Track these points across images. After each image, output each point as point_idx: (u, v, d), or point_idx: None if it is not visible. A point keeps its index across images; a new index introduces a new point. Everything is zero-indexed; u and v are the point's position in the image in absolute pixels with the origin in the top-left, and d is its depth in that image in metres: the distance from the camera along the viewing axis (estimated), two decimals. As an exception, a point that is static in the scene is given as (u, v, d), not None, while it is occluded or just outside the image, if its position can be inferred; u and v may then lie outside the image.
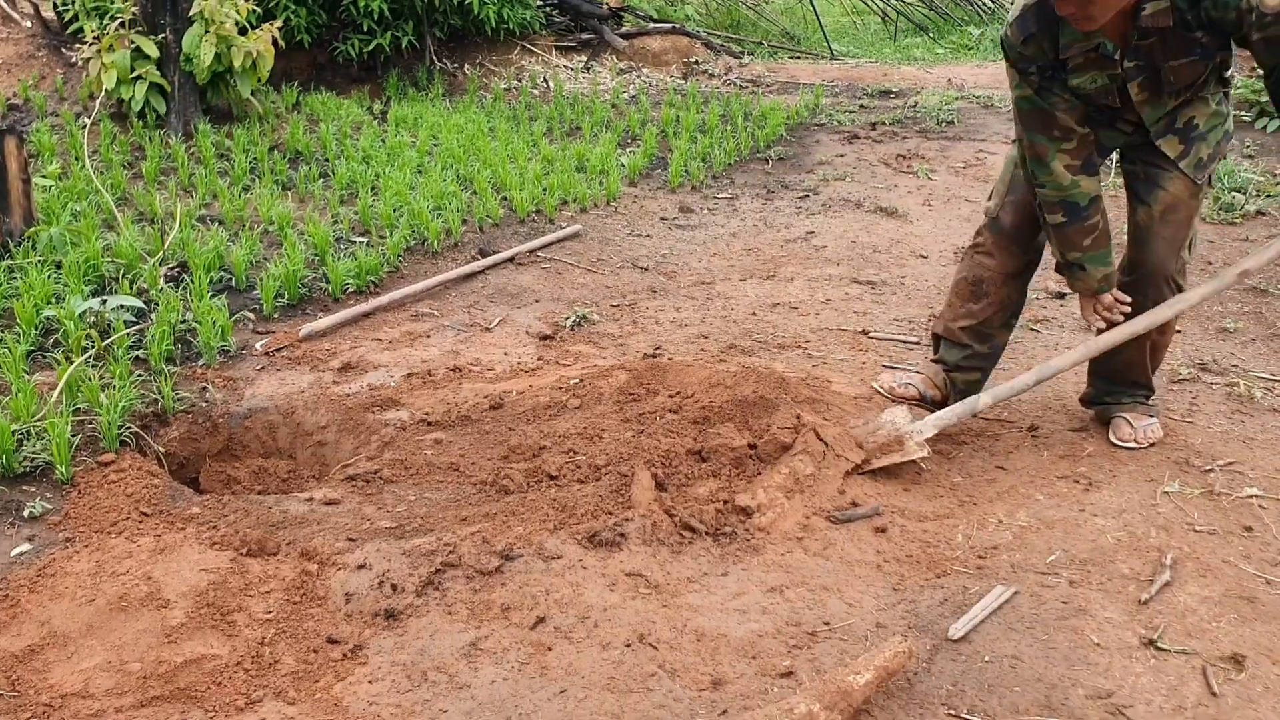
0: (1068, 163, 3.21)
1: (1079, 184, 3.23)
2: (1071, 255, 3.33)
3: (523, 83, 9.63)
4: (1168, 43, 2.99)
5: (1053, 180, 3.23)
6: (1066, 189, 3.23)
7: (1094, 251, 3.31)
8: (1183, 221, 3.32)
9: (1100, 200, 3.29)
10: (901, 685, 2.45)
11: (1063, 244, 3.33)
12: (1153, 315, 3.31)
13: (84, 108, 7.55)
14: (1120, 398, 3.60)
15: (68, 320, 4.06)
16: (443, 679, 2.47)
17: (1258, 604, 2.73)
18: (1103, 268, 3.33)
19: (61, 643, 2.57)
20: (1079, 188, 3.23)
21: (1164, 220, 3.31)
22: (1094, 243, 3.30)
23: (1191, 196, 3.29)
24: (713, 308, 4.90)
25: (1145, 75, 3.08)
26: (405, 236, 5.47)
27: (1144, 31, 2.97)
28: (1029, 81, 3.16)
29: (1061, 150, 3.20)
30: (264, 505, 3.22)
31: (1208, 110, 3.23)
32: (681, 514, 3.01)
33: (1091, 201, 3.26)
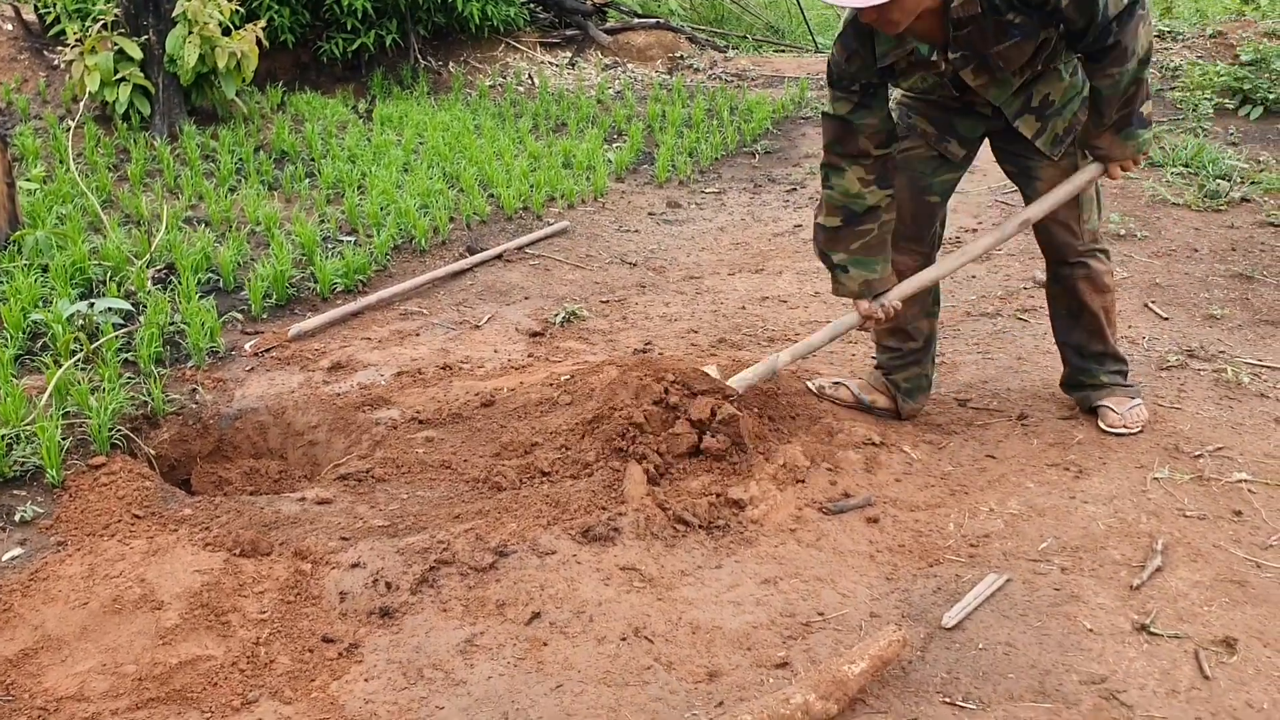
0: (861, 175, 3.26)
1: (864, 195, 3.27)
2: (837, 257, 3.37)
3: (508, 80, 9.62)
4: (985, 30, 2.99)
5: (842, 186, 3.28)
6: (853, 196, 3.28)
7: (860, 256, 3.35)
8: (1068, 205, 3.38)
9: (878, 212, 3.31)
10: (896, 674, 2.46)
11: (831, 244, 3.38)
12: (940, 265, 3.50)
13: (67, 111, 7.52)
14: (1098, 377, 3.63)
15: (56, 324, 4.05)
16: (439, 676, 2.47)
17: (1248, 587, 2.75)
18: (865, 273, 3.37)
19: (55, 646, 2.56)
20: (863, 199, 3.28)
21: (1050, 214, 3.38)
22: (863, 248, 3.34)
23: (1064, 175, 3.35)
24: (702, 302, 4.90)
25: (974, 63, 3.09)
26: (392, 235, 5.46)
27: (957, 23, 2.98)
28: (847, 99, 3.17)
29: (859, 164, 3.25)
30: (256, 506, 3.22)
31: (1062, 84, 3.26)
32: (674, 507, 3.02)
33: (869, 210, 3.30)
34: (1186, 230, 5.62)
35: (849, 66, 3.13)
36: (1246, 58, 8.24)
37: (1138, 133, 3.21)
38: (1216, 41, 9.09)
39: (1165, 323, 4.48)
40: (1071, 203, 3.37)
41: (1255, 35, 8.87)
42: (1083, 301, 3.55)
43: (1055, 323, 3.72)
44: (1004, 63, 3.07)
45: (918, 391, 3.71)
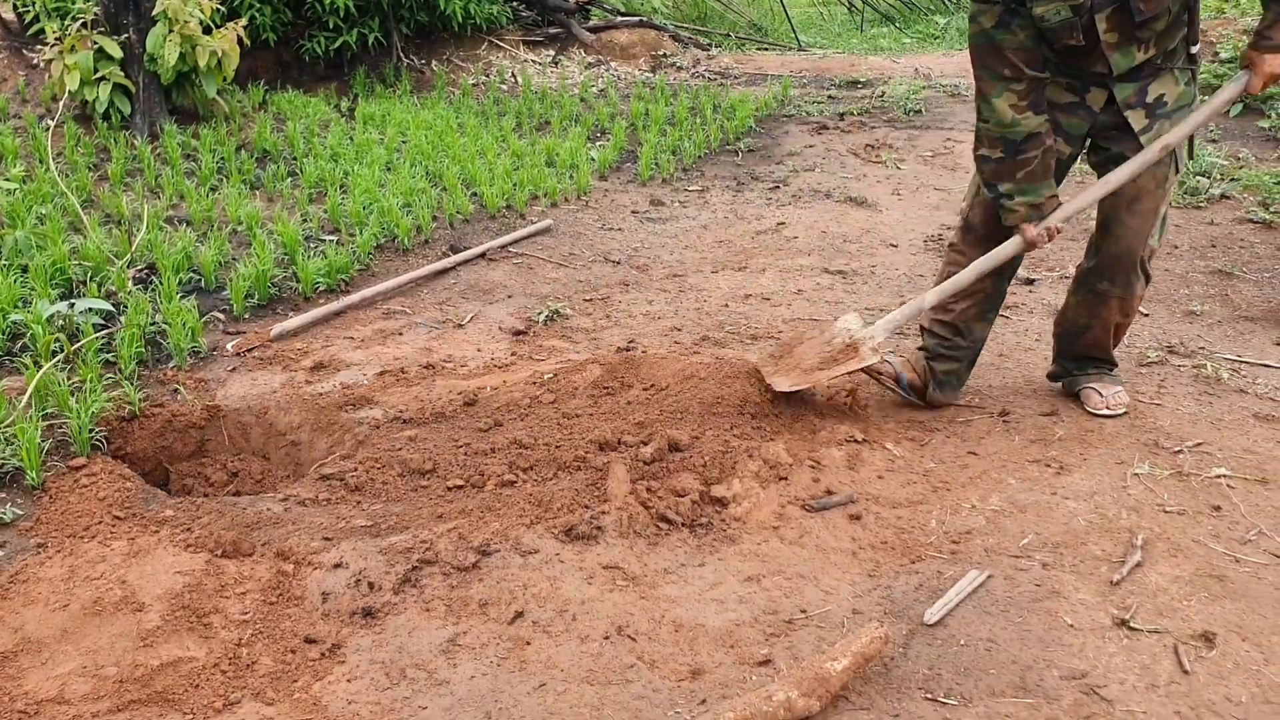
0: (1014, 102, 3.23)
1: (1020, 121, 3.24)
2: (1004, 187, 3.35)
3: (491, 78, 9.60)
4: None
5: (995, 116, 3.26)
6: (1008, 125, 3.25)
7: (1026, 184, 3.32)
8: (1149, 211, 3.37)
9: (1040, 138, 3.28)
10: (879, 670, 2.47)
11: (995, 176, 3.35)
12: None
13: (47, 110, 7.47)
14: (1086, 369, 3.72)
15: (35, 324, 4.02)
16: (422, 676, 2.47)
17: (1227, 582, 2.77)
18: (1030, 198, 3.34)
19: (36, 649, 2.55)
20: (1019, 125, 3.25)
21: (1130, 210, 3.37)
22: (1027, 176, 3.31)
23: (1158, 186, 3.34)
24: (685, 300, 4.91)
25: (1114, 6, 3.08)
26: (375, 234, 5.44)
27: None
28: (990, 11, 3.15)
29: (1010, 90, 3.22)
30: (238, 506, 3.21)
31: (1176, 89, 3.29)
32: (657, 506, 3.03)
33: (1029, 138, 3.27)
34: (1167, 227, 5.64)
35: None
36: (1226, 55, 8.29)
37: None
38: (1197, 39, 9.13)
39: (1145, 319, 4.50)
40: (1150, 211, 3.36)
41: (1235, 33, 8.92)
42: (1102, 320, 3.57)
43: (1060, 328, 3.74)
44: (1144, 5, 3.04)
45: (949, 386, 3.73)
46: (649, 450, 3.28)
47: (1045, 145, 3.30)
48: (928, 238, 5.68)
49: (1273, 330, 4.35)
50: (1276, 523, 3.02)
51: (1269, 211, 5.70)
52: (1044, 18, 3.13)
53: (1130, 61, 3.21)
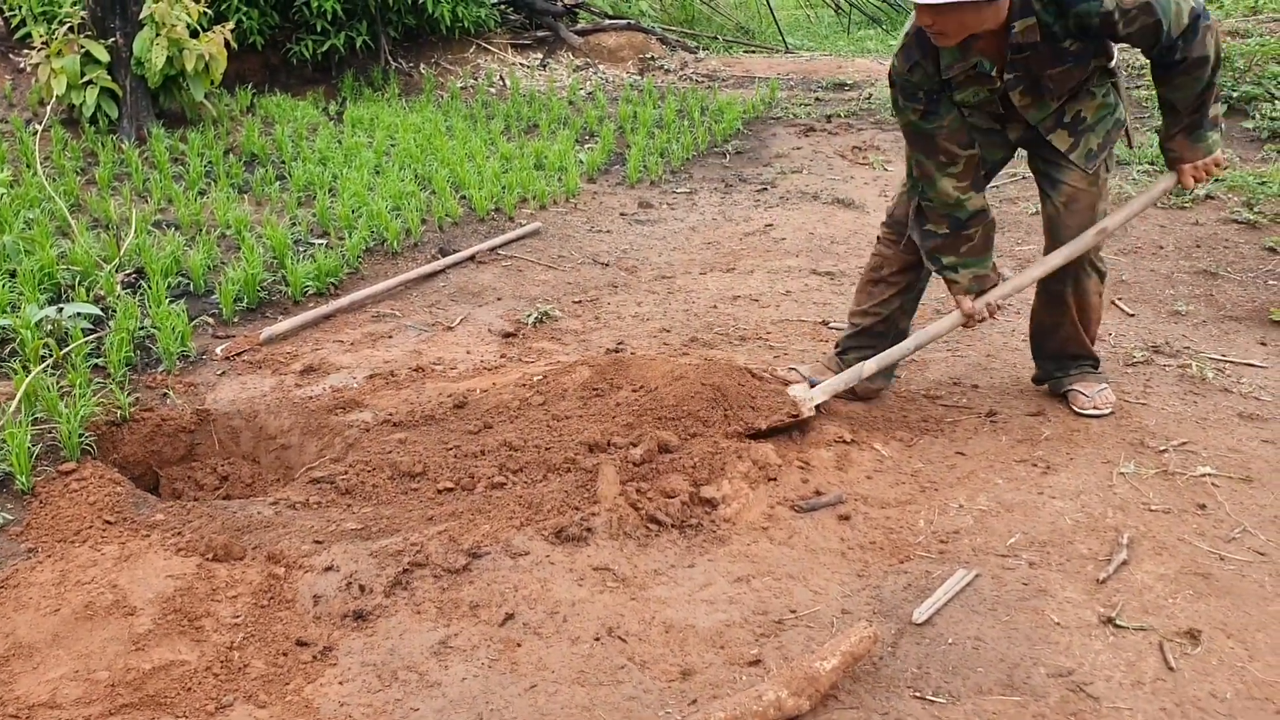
0: (955, 184, 3.40)
1: (964, 201, 3.42)
2: (947, 260, 3.51)
3: (479, 81, 9.61)
4: (1041, 55, 3.15)
5: (940, 198, 3.41)
6: (953, 205, 3.42)
7: (969, 258, 3.49)
8: (1085, 209, 3.48)
9: (984, 213, 3.46)
10: (867, 669, 2.48)
11: (940, 250, 3.51)
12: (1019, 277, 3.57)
13: (34, 114, 7.46)
14: (1068, 370, 3.77)
15: (24, 329, 4.02)
16: (413, 678, 2.48)
17: (1212, 580, 2.79)
18: (974, 270, 3.50)
19: (27, 653, 2.55)
20: (965, 204, 3.42)
21: (1068, 210, 3.49)
22: (969, 250, 3.48)
23: (1090, 185, 3.46)
24: (674, 302, 4.92)
25: (1025, 84, 3.25)
26: (364, 237, 5.45)
27: (1017, 47, 3.13)
28: (914, 109, 3.32)
29: (948, 174, 3.38)
30: (229, 510, 3.21)
31: (1094, 103, 3.39)
32: (647, 507, 3.04)
33: (973, 215, 3.44)
34: (1152, 227, 5.69)
35: (911, 76, 3.28)
36: (1210, 57, 8.33)
37: (1207, 134, 3.31)
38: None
39: (1131, 319, 4.53)
40: (1087, 209, 3.47)
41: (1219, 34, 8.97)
42: (1066, 313, 3.66)
43: (1033, 325, 3.82)
44: (1054, 84, 3.22)
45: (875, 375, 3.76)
46: (638, 452, 3.29)
47: (986, 221, 3.47)
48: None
49: (1257, 330, 4.38)
50: (1261, 521, 3.05)
51: (1253, 212, 5.74)
52: (965, 100, 3.34)
53: (1046, 112, 3.37)
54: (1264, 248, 5.31)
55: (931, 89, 3.28)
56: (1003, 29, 3.09)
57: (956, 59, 3.21)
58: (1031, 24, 3.08)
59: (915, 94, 3.30)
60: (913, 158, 3.45)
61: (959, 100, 3.33)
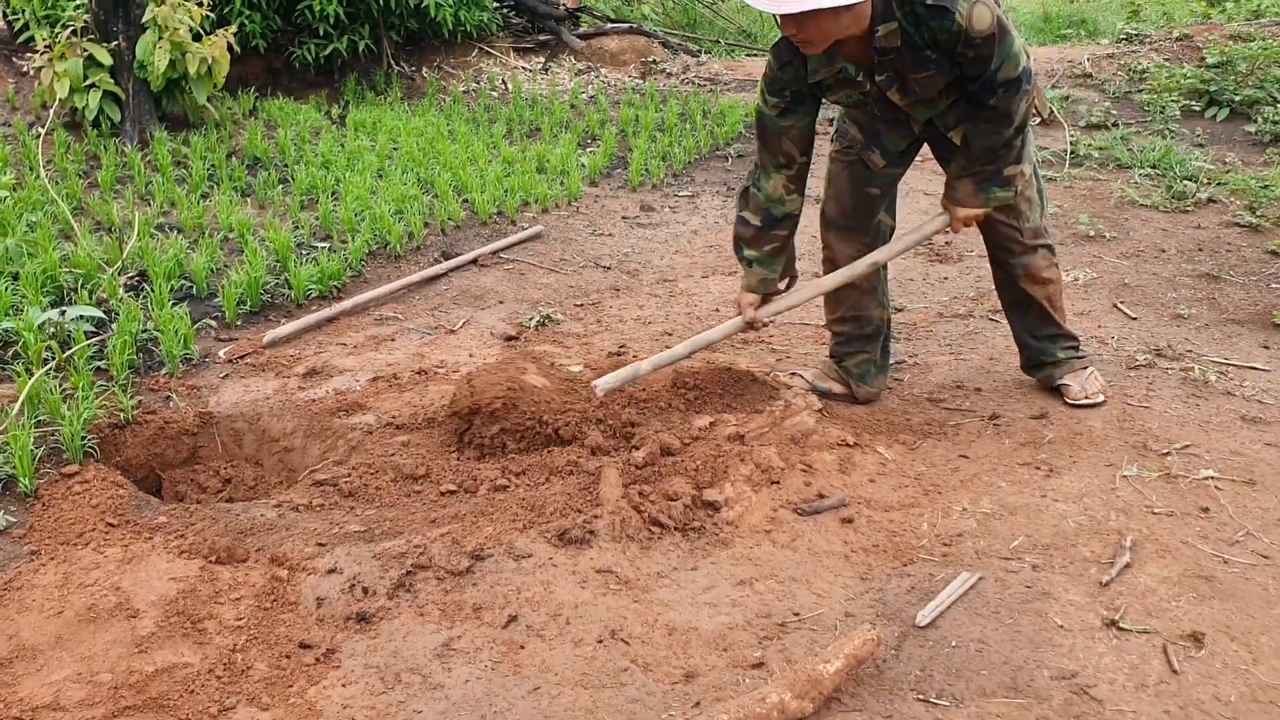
0: (784, 183, 3.51)
1: (785, 201, 3.53)
2: (749, 253, 3.60)
3: (481, 85, 9.62)
4: (904, 59, 3.18)
5: (766, 190, 3.53)
6: (774, 200, 3.53)
7: (769, 259, 3.59)
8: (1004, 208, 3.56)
9: (794, 219, 3.58)
10: (871, 672, 2.48)
11: (749, 241, 3.60)
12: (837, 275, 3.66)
13: (37, 117, 7.47)
14: (1054, 354, 3.83)
15: (27, 332, 4.02)
16: (416, 680, 2.48)
17: (1215, 583, 2.79)
18: (766, 272, 3.61)
19: (30, 656, 2.55)
20: (784, 204, 3.54)
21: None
22: (772, 252, 3.59)
23: None
24: (676, 305, 4.92)
25: (897, 84, 3.27)
26: (367, 241, 5.45)
27: (881, 51, 3.16)
28: (777, 104, 3.39)
29: (783, 173, 3.50)
30: (232, 512, 3.21)
31: None
32: (650, 510, 3.04)
33: (786, 216, 3.56)
34: (1154, 231, 5.69)
35: (782, 74, 3.33)
36: (1212, 60, 8.35)
37: (994, 190, 3.42)
38: (1183, 44, 9.20)
39: (1134, 322, 4.53)
40: (1007, 209, 3.56)
41: (1221, 38, 8.98)
42: (1026, 293, 3.77)
43: (1006, 313, 3.95)
44: (919, 89, 3.26)
45: (869, 376, 3.87)
46: (641, 454, 3.29)
47: (793, 226, 3.60)
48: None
49: (1259, 333, 4.38)
50: (1264, 524, 3.05)
51: (1255, 215, 5.74)
52: (840, 101, 3.44)
53: (934, 110, 3.39)
54: (1266, 251, 5.31)
55: (799, 89, 3.35)
56: (867, 34, 3.12)
57: (823, 64, 3.27)
58: (894, 29, 3.10)
59: (781, 91, 3.36)
60: (759, 149, 3.53)
61: (834, 101, 3.42)
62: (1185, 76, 8.22)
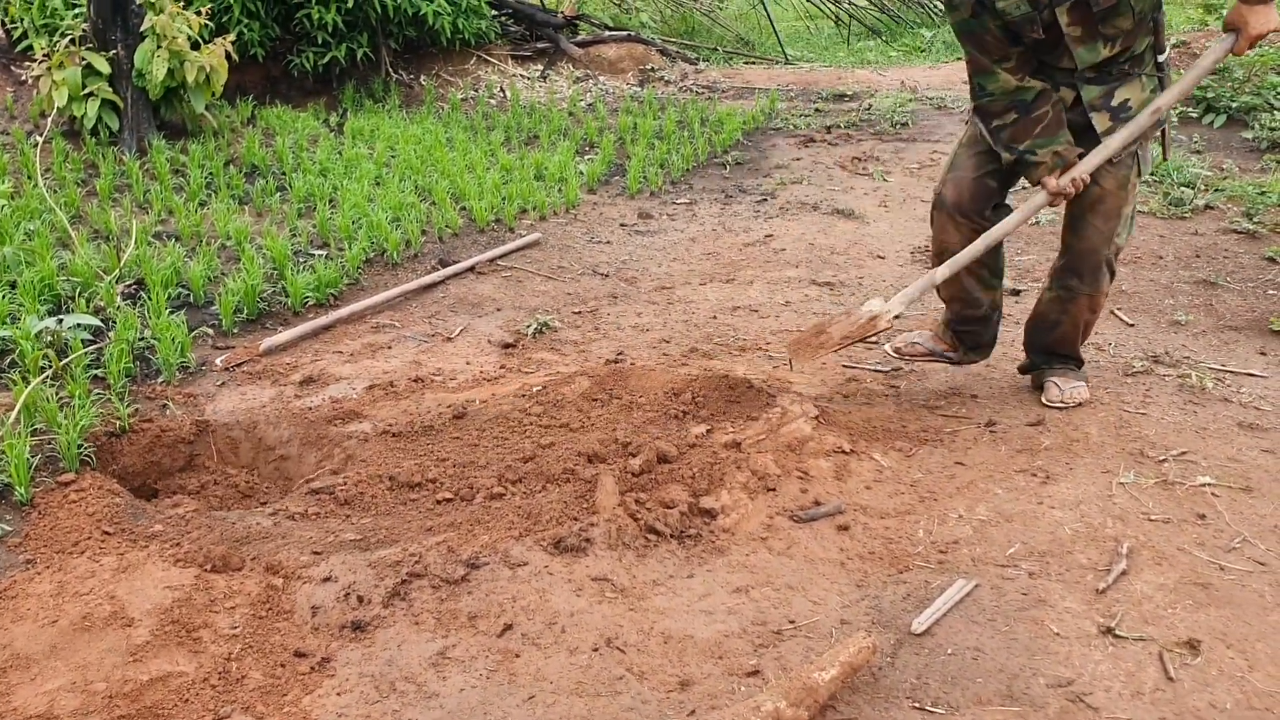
0: (1013, 75, 3.40)
1: (1026, 86, 3.40)
2: (1023, 145, 3.46)
3: (479, 92, 9.63)
4: None
5: (1000, 87, 3.42)
6: (1014, 91, 3.41)
7: (1043, 137, 3.43)
8: (1113, 211, 3.53)
9: (1048, 93, 3.42)
10: (867, 680, 2.48)
11: (1013, 138, 3.46)
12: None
13: (35, 126, 7.47)
14: (1053, 363, 3.89)
15: (24, 340, 4.02)
16: (411, 689, 2.47)
17: (1212, 590, 2.79)
18: (1053, 147, 3.43)
19: (24, 664, 2.55)
20: (1028, 88, 3.40)
21: (1095, 211, 3.54)
22: (1043, 130, 3.43)
23: (1120, 188, 3.50)
24: (673, 312, 4.92)
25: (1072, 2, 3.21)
26: (364, 248, 5.45)
27: None
28: (964, 7, 3.32)
29: (1003, 67, 3.39)
30: (227, 521, 3.21)
31: (1142, 95, 3.42)
32: (646, 517, 3.04)
33: (1039, 95, 3.41)
34: (1152, 237, 5.69)
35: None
36: (1209, 66, 8.34)
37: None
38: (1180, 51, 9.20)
39: (1131, 329, 4.53)
40: (1114, 212, 3.52)
41: (1218, 45, 8.99)
42: (1072, 317, 3.74)
43: (1032, 322, 3.90)
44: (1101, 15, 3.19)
45: (977, 349, 4.00)
46: (637, 462, 3.29)
47: (1053, 99, 3.42)
48: (915, 249, 5.70)
49: (1257, 339, 4.38)
50: (1261, 530, 3.04)
51: (1253, 222, 5.75)
52: (1005, 11, 3.28)
53: (1095, 57, 3.34)
54: (1263, 258, 5.31)
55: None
56: None
57: None
58: None
59: (962, 3, 3.31)
60: (967, 54, 3.45)
61: (1000, 9, 3.28)
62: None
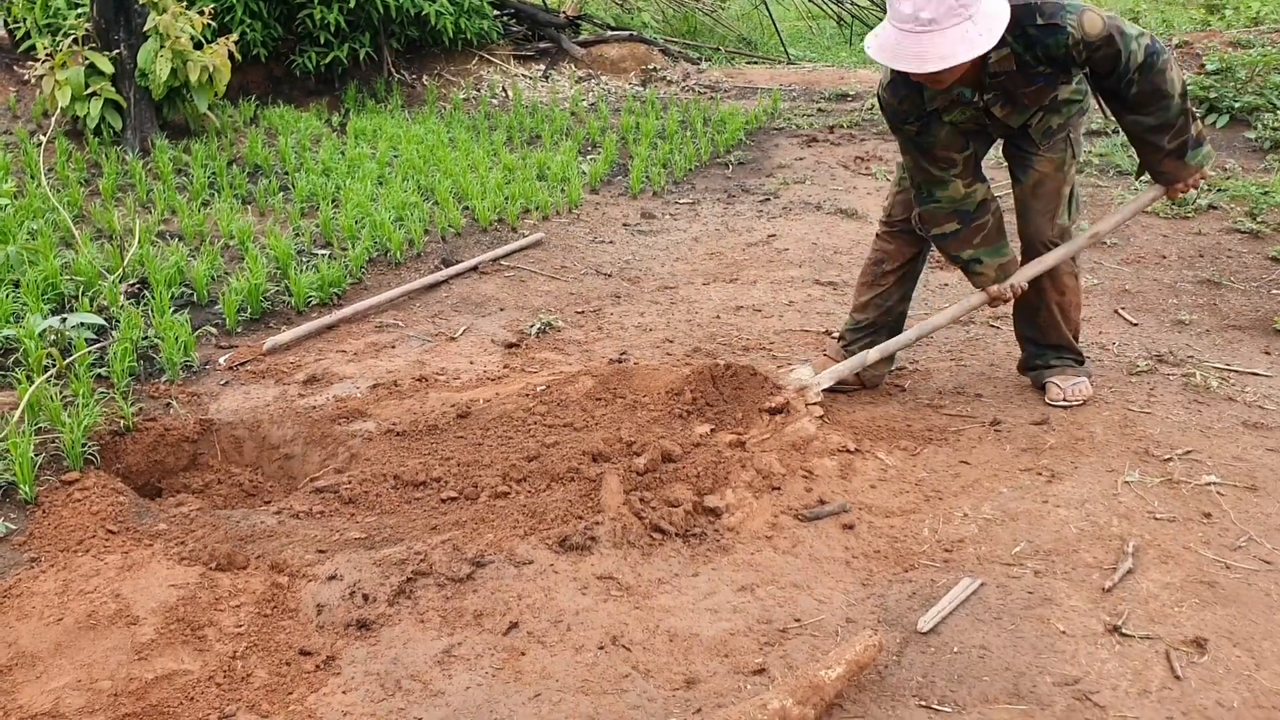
0: (961, 183, 3.58)
1: (972, 194, 3.60)
2: (967, 254, 3.67)
3: (482, 92, 9.63)
4: (1015, 79, 3.36)
5: (949, 194, 3.59)
6: (961, 200, 3.60)
7: (984, 246, 3.65)
8: (1051, 193, 3.66)
9: (990, 202, 3.65)
10: (873, 678, 2.48)
11: (957, 247, 3.67)
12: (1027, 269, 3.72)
13: (38, 125, 7.48)
14: (1049, 360, 3.90)
15: (28, 339, 4.02)
16: (417, 687, 2.47)
17: (1218, 588, 2.78)
18: (997, 259, 3.67)
19: (30, 663, 2.55)
20: (972, 197, 3.60)
21: (1035, 195, 3.67)
22: (984, 239, 3.64)
23: (1056, 170, 3.63)
24: (677, 312, 4.92)
25: (1004, 100, 3.45)
26: (367, 248, 5.45)
27: (993, 75, 3.35)
28: (909, 128, 3.51)
29: (952, 175, 3.57)
30: (232, 519, 3.21)
31: (1069, 87, 3.53)
32: (651, 516, 3.03)
33: (980, 205, 3.62)
34: (1155, 237, 5.69)
35: (902, 107, 3.47)
36: (1212, 67, 8.35)
37: (1198, 153, 3.48)
38: (1183, 51, 9.21)
39: (1135, 328, 4.53)
40: (1053, 194, 3.66)
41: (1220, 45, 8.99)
42: (1042, 297, 3.81)
43: (1015, 314, 3.99)
44: (1029, 100, 3.44)
45: (876, 364, 3.94)
46: (642, 461, 3.29)
47: (993, 209, 3.65)
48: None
49: (1261, 339, 4.38)
50: (1266, 529, 3.04)
51: (1256, 221, 5.74)
52: (953, 120, 3.51)
53: (1025, 117, 3.54)
54: (1267, 257, 5.31)
55: (921, 114, 3.48)
56: (980, 60, 3.25)
57: (938, 93, 3.40)
58: (1006, 55, 3.28)
59: (907, 118, 3.49)
60: (913, 166, 3.61)
61: (948, 121, 3.50)
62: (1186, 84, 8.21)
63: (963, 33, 3.04)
